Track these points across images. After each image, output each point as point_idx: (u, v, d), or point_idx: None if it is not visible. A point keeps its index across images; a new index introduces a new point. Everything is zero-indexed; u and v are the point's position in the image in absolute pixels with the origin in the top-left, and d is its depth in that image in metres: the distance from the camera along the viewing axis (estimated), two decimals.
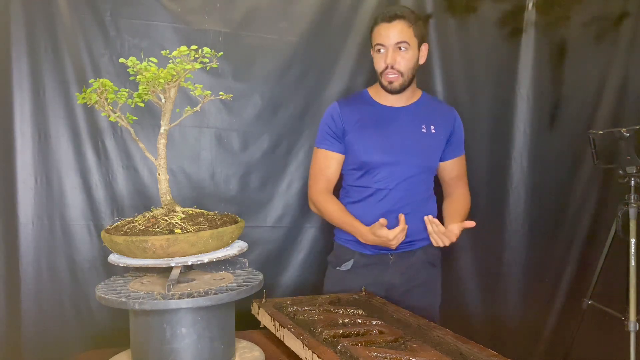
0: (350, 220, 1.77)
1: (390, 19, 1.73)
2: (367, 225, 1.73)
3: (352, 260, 1.84)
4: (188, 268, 1.21)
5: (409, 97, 1.85)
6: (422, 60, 1.82)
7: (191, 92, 1.19)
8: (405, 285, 1.81)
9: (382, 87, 1.81)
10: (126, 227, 1.11)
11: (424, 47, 1.81)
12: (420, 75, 2.20)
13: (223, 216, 1.18)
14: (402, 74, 1.76)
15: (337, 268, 1.86)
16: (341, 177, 1.90)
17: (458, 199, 1.91)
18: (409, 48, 1.74)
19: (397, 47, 1.74)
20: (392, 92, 1.79)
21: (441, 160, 1.88)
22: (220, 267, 1.23)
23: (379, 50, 1.77)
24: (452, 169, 1.91)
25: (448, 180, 1.93)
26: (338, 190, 1.93)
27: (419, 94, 1.90)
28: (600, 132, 2.20)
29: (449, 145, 1.87)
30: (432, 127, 1.84)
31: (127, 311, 1.11)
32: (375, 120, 1.82)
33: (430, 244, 1.77)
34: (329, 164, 1.85)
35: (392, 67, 1.74)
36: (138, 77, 1.12)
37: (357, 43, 2.10)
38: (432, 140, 1.84)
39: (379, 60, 1.77)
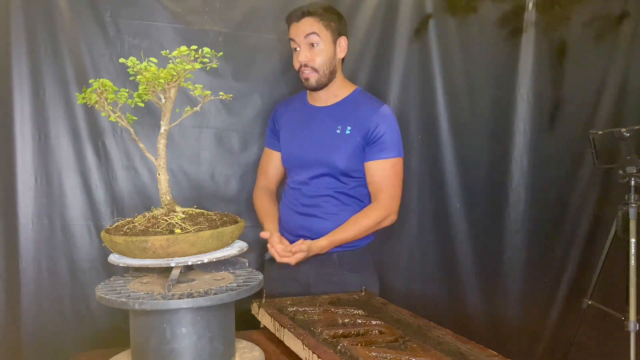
0: (263, 220, 1.81)
1: (298, 17, 1.72)
2: (284, 222, 1.82)
3: None
4: (188, 268, 1.21)
5: (335, 96, 1.80)
6: (341, 54, 1.78)
7: (191, 92, 1.19)
8: (319, 285, 1.73)
9: (302, 85, 1.81)
10: (126, 227, 1.11)
11: (342, 41, 1.77)
12: (420, 75, 2.20)
13: (223, 216, 1.19)
14: (316, 71, 1.73)
15: (264, 258, 1.90)
16: None
17: (356, 215, 1.74)
18: (320, 43, 1.71)
19: (309, 45, 1.72)
20: (310, 89, 1.78)
21: (363, 162, 1.76)
22: (220, 267, 1.23)
23: (294, 49, 1.76)
24: (367, 174, 1.74)
25: (368, 185, 1.76)
26: None
27: (348, 91, 1.81)
28: (600, 132, 2.20)
29: (367, 145, 1.72)
30: (349, 127, 1.73)
31: (127, 311, 1.11)
32: (299, 120, 1.84)
33: (348, 250, 1.76)
34: (267, 160, 1.91)
35: (305, 65, 1.73)
36: (138, 77, 1.12)
37: (356, 43, 2.10)
38: (343, 141, 1.73)
39: (294, 60, 1.77)
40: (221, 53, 1.20)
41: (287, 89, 2.06)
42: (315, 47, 1.72)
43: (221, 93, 1.26)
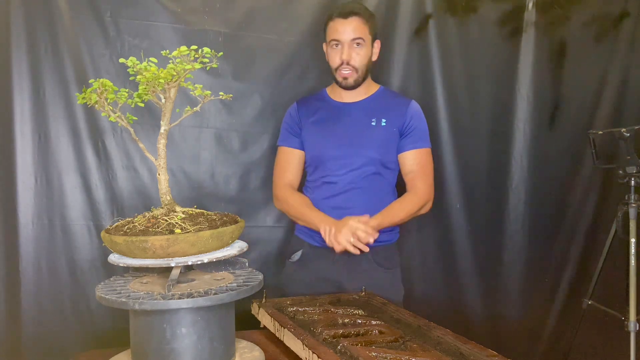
0: (314, 212, 1.76)
1: (346, 15, 1.75)
2: None
3: (301, 250, 1.85)
4: (188, 268, 1.21)
5: (364, 93, 1.86)
6: (374, 57, 1.84)
7: (191, 92, 1.19)
8: (352, 284, 1.72)
9: (337, 83, 1.83)
10: (126, 227, 1.11)
11: (377, 44, 1.83)
12: (420, 75, 2.20)
13: (223, 216, 1.18)
14: (356, 70, 1.78)
15: (288, 260, 1.90)
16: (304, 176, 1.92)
17: (399, 199, 1.80)
18: (363, 44, 1.77)
19: (353, 43, 1.76)
20: (347, 88, 1.82)
21: (397, 153, 1.83)
22: (220, 267, 1.23)
23: (334, 45, 1.79)
24: (405, 163, 1.82)
25: (404, 175, 1.84)
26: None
27: (374, 88, 1.88)
28: (600, 132, 2.20)
29: (402, 137, 1.81)
30: (383, 120, 1.80)
31: (127, 311, 1.11)
32: (327, 116, 1.86)
33: (381, 245, 1.77)
34: (289, 159, 1.89)
35: (347, 63, 1.76)
36: (138, 77, 1.12)
37: None
38: (381, 133, 1.79)
39: (335, 56, 1.79)
40: (221, 53, 1.20)
41: (287, 89, 2.06)
42: (358, 47, 1.76)
43: (221, 93, 1.26)
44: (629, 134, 2.07)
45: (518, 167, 2.34)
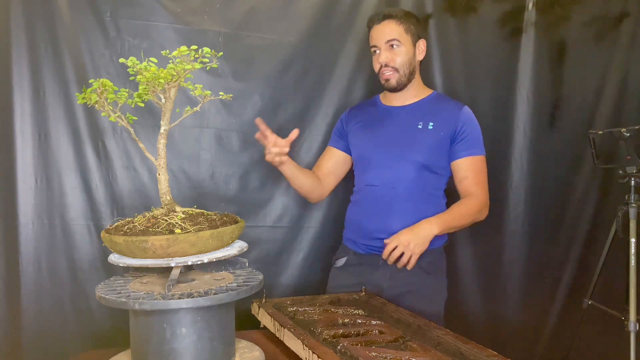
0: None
1: (380, 20, 1.79)
2: (357, 226, 1.84)
3: (346, 257, 1.87)
4: (188, 268, 1.21)
5: (413, 96, 1.85)
6: (420, 57, 1.84)
7: (191, 92, 1.19)
8: (394, 289, 1.72)
9: (383, 87, 1.85)
10: (126, 227, 1.11)
11: (421, 44, 1.83)
12: (420, 75, 2.20)
13: (223, 216, 1.19)
14: (397, 70, 1.79)
15: (333, 265, 1.92)
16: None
17: (459, 203, 1.78)
18: (400, 45, 1.77)
19: (389, 46, 1.78)
20: (390, 90, 1.82)
21: (450, 160, 1.81)
22: (220, 267, 1.23)
23: (374, 52, 1.82)
24: (459, 170, 1.79)
25: (458, 183, 1.81)
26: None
27: (425, 93, 1.88)
28: (600, 132, 2.20)
29: (454, 143, 1.78)
30: (431, 123, 1.78)
31: (127, 311, 1.11)
32: (374, 119, 1.87)
33: (426, 251, 1.74)
34: (326, 156, 1.97)
35: (386, 66, 1.78)
36: (138, 77, 1.12)
37: (357, 43, 2.10)
38: (426, 136, 1.77)
39: (375, 61, 1.83)
40: (221, 53, 1.20)
41: (287, 89, 2.06)
42: (395, 48, 1.77)
43: (221, 93, 1.26)
44: (629, 134, 2.07)
45: (518, 167, 2.33)
